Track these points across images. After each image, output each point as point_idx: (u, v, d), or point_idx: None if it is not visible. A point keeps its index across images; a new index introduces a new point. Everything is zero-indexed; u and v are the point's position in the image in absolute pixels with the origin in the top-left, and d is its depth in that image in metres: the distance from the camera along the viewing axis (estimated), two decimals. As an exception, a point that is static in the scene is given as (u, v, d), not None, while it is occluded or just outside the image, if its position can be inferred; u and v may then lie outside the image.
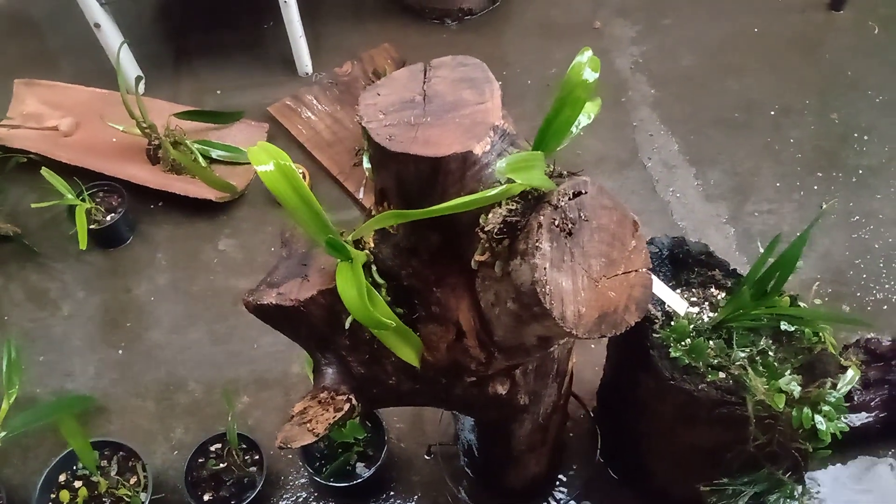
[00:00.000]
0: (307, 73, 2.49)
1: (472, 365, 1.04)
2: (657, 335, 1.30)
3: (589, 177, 0.80)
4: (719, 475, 1.33)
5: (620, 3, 2.69)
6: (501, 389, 1.14)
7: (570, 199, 0.78)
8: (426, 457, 1.75)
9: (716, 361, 1.29)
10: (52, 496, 1.65)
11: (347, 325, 0.98)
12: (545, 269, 0.77)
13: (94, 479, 1.65)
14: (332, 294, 0.97)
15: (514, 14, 2.69)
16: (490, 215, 0.82)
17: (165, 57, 2.63)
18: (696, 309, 1.37)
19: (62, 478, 1.67)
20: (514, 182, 0.73)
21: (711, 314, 1.37)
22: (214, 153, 2.23)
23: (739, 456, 1.29)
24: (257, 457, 1.68)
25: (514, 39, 2.62)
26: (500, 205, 0.83)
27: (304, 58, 2.45)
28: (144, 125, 2.11)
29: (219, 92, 2.48)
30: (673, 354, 1.27)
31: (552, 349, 1.07)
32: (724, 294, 1.39)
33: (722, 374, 1.27)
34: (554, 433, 1.46)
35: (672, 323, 1.33)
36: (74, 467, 1.69)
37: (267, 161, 0.88)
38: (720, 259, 1.42)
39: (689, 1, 2.70)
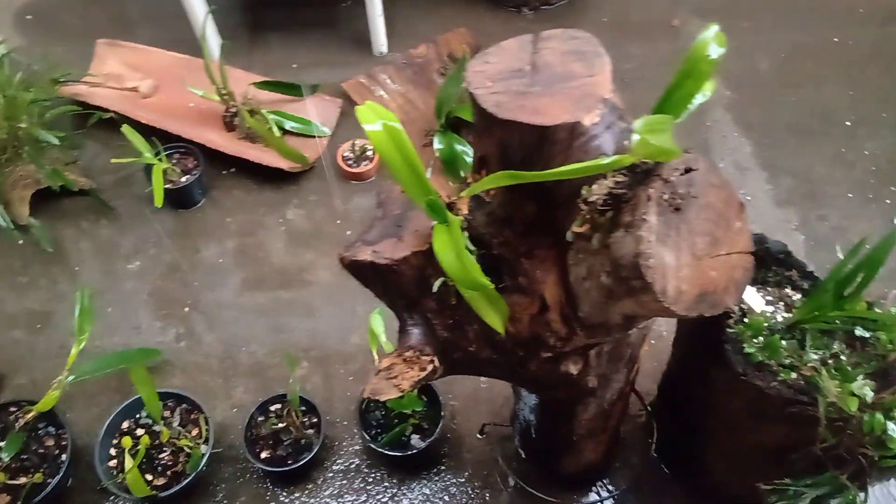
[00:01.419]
0: (382, 53, 2.52)
1: (551, 340, 1.05)
2: (732, 330, 1.29)
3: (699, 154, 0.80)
4: (780, 475, 1.32)
5: (699, 4, 2.67)
6: (573, 369, 1.14)
7: (681, 174, 0.78)
8: (478, 436, 1.77)
9: (788, 361, 1.28)
10: (115, 441, 1.70)
11: (435, 289, 1.00)
12: (651, 241, 0.78)
13: (156, 428, 1.70)
14: (425, 256, 0.99)
15: (591, 7, 2.69)
16: (595, 186, 0.82)
17: (242, 28, 2.68)
18: (771, 308, 1.36)
19: (125, 425, 1.72)
20: (632, 149, 0.74)
21: (786, 314, 1.35)
22: (288, 125, 2.27)
23: (804, 457, 1.28)
24: (315, 420, 1.71)
25: (589, 32, 2.61)
26: (605, 176, 0.83)
27: (380, 37, 2.48)
28: (224, 92, 2.16)
29: (294, 66, 2.52)
30: (747, 350, 1.27)
31: (632, 331, 1.08)
32: (799, 295, 1.38)
33: (794, 374, 1.27)
34: (614, 422, 1.46)
35: (746, 319, 1.32)
36: (137, 416, 1.74)
37: (374, 120, 0.91)
38: (798, 260, 1.41)
39: (769, 6, 2.67)
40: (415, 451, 1.65)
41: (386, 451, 1.65)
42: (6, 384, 1.89)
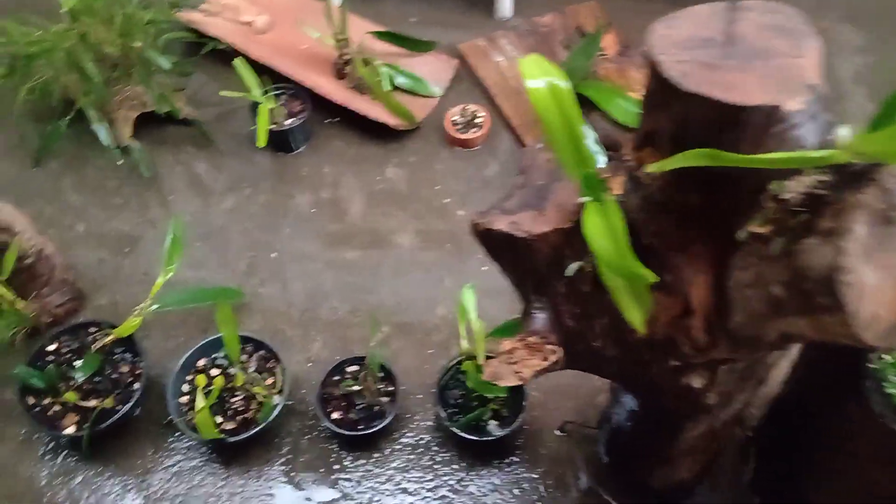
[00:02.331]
0: (505, 18, 2.40)
1: (685, 347, 0.95)
2: (873, 366, 1.16)
3: None
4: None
5: (850, 8, 2.47)
6: (697, 382, 1.03)
7: (903, 182, 0.66)
8: (557, 432, 1.67)
9: (929, 410, 1.15)
10: (189, 378, 1.67)
11: (570, 273, 0.90)
12: (853, 255, 0.66)
13: (231, 371, 1.65)
14: (565, 235, 0.90)
15: None
16: (792, 182, 0.71)
17: (362, -24, 2.60)
18: (917, 347, 1.22)
19: (201, 362, 1.69)
20: (849, 145, 0.62)
21: (931, 357, 1.21)
22: (398, 80, 2.18)
23: (936, 518, 1.15)
24: (391, 388, 1.64)
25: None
26: (800, 172, 0.72)
27: (505, 1, 2.37)
28: (341, 38, 2.09)
29: (412, 20, 2.43)
30: (888, 390, 1.14)
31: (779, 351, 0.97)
32: (950, 338, 1.24)
33: (936, 426, 1.13)
34: (718, 444, 1.34)
35: (888, 356, 1.19)
36: (214, 355, 1.70)
37: (538, 76, 0.81)
38: (954, 299, 1.26)
39: (928, 18, 2.45)
40: (490, 438, 1.57)
41: (460, 433, 1.57)
42: (87, 303, 1.88)
